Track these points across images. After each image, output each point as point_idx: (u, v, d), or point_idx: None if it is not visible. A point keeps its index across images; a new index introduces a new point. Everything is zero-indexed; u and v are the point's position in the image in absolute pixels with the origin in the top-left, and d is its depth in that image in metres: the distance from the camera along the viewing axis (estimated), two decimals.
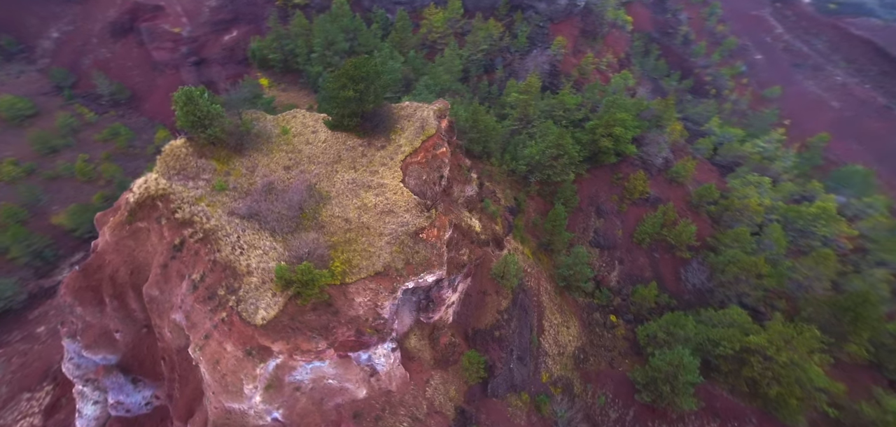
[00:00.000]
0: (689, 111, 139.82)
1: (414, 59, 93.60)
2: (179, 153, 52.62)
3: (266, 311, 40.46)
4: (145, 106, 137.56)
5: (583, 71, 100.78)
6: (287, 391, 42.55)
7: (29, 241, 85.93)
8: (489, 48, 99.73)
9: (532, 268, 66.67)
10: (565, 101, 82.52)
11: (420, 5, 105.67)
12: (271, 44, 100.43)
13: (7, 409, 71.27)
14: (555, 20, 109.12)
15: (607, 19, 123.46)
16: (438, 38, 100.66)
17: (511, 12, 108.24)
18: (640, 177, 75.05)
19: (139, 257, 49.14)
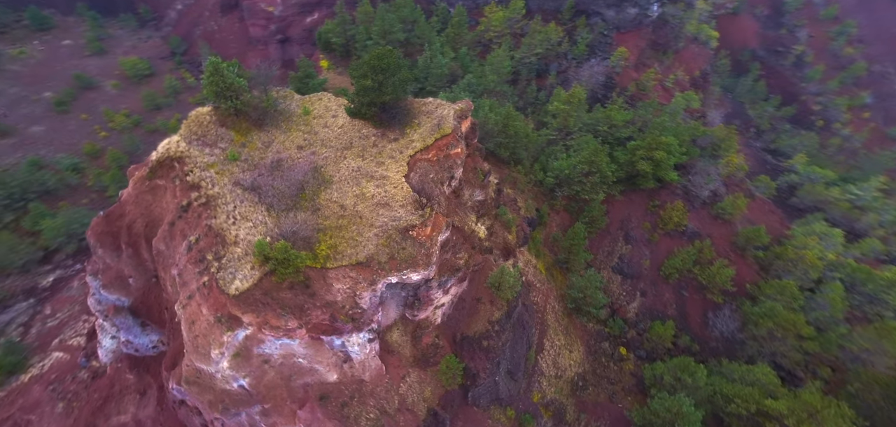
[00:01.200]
0: (782, 143, 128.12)
1: (464, 56, 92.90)
2: (203, 120, 55.80)
3: (241, 283, 41.99)
4: None
5: (642, 86, 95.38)
6: (255, 362, 44.06)
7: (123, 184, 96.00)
8: (545, 52, 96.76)
9: (542, 284, 64.43)
10: (612, 117, 78.50)
11: (483, 2, 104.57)
12: (336, 28, 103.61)
13: (71, 323, 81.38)
14: (621, 29, 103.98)
15: (685, 33, 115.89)
16: (494, 36, 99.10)
17: (575, 17, 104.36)
18: (678, 207, 69.97)
19: (154, 212, 52.68)
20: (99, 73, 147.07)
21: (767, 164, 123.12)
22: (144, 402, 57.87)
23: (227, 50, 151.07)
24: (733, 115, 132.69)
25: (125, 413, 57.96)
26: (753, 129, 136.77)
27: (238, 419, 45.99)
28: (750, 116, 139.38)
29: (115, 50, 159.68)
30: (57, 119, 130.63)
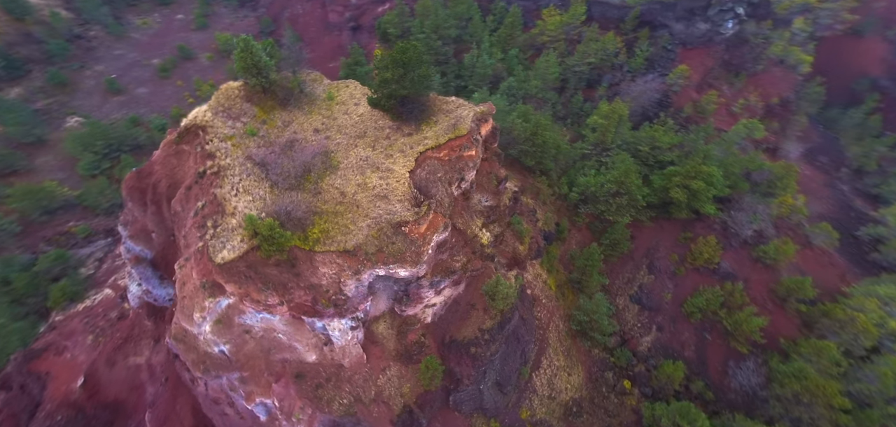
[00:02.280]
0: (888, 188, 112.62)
1: (513, 58, 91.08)
2: (231, 94, 58.67)
3: (227, 253, 43.81)
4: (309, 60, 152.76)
5: (700, 109, 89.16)
6: (236, 331, 45.96)
7: None
8: (598, 62, 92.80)
9: (549, 300, 62.32)
10: (657, 138, 74.09)
11: (543, 4, 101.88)
12: (394, 19, 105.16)
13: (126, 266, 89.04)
14: (687, 45, 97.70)
15: (769, 55, 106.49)
16: (548, 41, 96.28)
17: (638, 28, 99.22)
18: (710, 243, 64.91)
19: (177, 175, 56.12)
20: (198, 46, 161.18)
21: (852, 210, 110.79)
22: (157, 349, 62.28)
23: (307, 33, 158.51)
24: (820, 150, 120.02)
25: (140, 355, 62.71)
26: (846, 168, 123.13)
27: (219, 382, 48.32)
28: (845, 155, 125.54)
29: (215, 25, 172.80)
30: (159, 83, 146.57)
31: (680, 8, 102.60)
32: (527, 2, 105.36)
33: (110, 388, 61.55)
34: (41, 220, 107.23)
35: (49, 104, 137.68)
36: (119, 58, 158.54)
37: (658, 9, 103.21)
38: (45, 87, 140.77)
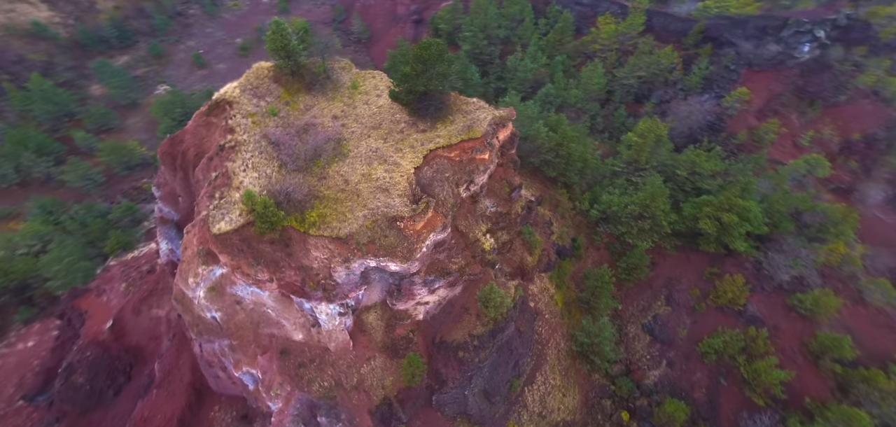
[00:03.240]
0: None
1: (558, 64, 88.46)
2: (261, 73, 61.18)
3: (224, 225, 45.77)
4: (374, 49, 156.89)
5: (757, 137, 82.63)
6: (228, 300, 47.98)
7: None
8: (650, 76, 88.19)
9: (553, 316, 60.48)
10: (698, 163, 69.56)
11: (602, 11, 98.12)
12: (447, 15, 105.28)
13: None
14: (754, 67, 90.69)
15: (857, 85, 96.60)
16: (599, 50, 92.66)
17: (700, 44, 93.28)
18: (736, 282, 60.18)
19: (204, 145, 59.21)
20: None
21: None
22: None
23: (375, 23, 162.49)
24: None
25: (162, 309, 67.01)
26: None
27: (212, 346, 50.75)
28: None
29: (295, 10, 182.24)
30: (238, 61, 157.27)
31: (751, 26, 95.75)
32: (583, 7, 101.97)
33: (133, 335, 66.31)
34: (122, 174, 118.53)
35: (146, 72, 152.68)
36: (208, 35, 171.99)
37: (726, 25, 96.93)
38: (145, 57, 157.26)
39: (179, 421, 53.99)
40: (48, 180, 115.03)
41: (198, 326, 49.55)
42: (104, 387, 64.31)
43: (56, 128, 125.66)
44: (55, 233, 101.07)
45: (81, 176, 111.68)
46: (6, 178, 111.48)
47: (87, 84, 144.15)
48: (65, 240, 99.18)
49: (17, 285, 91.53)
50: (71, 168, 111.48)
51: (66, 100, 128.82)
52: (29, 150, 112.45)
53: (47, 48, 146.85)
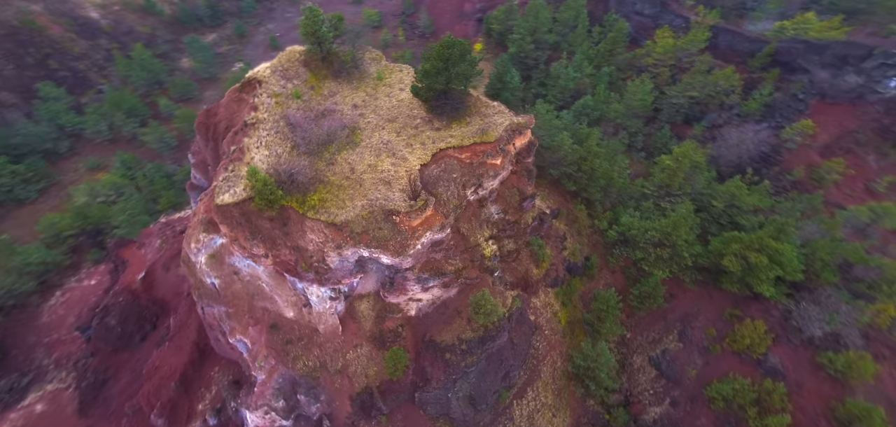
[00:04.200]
0: None
1: (605, 75, 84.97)
2: (292, 57, 63.36)
3: (228, 197, 47.90)
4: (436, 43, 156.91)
5: (818, 176, 75.60)
6: (226, 269, 50.19)
7: None
8: (704, 97, 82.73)
9: (554, 334, 58.72)
10: (737, 195, 64.80)
11: (665, 23, 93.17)
12: (501, 15, 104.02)
13: None
14: (827, 99, 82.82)
15: None
16: (651, 64, 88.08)
17: (768, 67, 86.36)
18: (757, 328, 55.52)
19: (234, 119, 62.16)
20: (349, 18, 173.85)
21: None
22: None
23: (441, 18, 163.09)
24: None
25: None
26: None
27: (212, 311, 53.31)
28: None
29: (369, 1, 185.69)
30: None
31: (830, 53, 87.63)
32: (643, 18, 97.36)
33: (161, 289, 71.02)
34: (191, 139, 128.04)
35: (228, 50, 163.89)
36: (287, 19, 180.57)
37: (801, 49, 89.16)
38: (230, 36, 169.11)
39: (182, 374, 57.32)
40: (133, 139, 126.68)
41: (199, 290, 52.32)
42: (132, 331, 69.43)
43: (147, 94, 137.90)
44: (128, 186, 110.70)
45: (158, 139, 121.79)
46: (101, 134, 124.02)
47: (178, 57, 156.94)
48: (133, 194, 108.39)
49: (93, 229, 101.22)
50: (151, 131, 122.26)
51: (159, 69, 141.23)
52: (122, 111, 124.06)
53: (153, 22, 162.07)
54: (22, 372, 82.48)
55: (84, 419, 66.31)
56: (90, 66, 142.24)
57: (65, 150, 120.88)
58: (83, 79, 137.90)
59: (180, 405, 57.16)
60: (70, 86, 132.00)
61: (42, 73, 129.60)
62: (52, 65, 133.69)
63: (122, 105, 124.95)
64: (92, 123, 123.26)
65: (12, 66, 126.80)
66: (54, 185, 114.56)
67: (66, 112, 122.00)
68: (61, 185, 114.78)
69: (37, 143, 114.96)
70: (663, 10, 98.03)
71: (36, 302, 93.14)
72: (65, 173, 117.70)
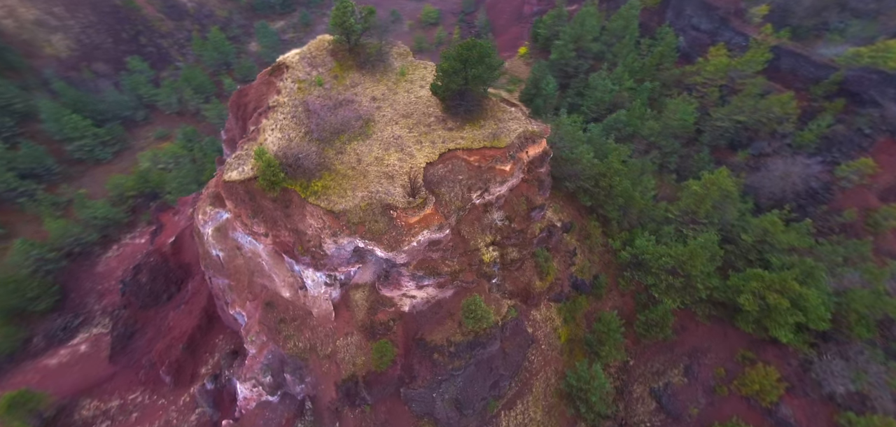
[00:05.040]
0: None
1: (644, 90, 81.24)
2: (321, 45, 64.90)
3: (235, 174, 49.73)
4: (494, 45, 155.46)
5: (873, 221, 69.22)
6: (230, 244, 52.28)
7: None
8: (752, 123, 77.37)
9: (551, 349, 57.24)
10: (772, 231, 60.48)
11: (723, 39, 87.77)
12: (549, 20, 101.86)
13: None
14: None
15: None
16: (700, 82, 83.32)
17: (833, 96, 79.67)
18: (769, 375, 51.58)
19: (261, 101, 64.38)
20: (408, 14, 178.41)
21: None
22: None
23: (499, 19, 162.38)
24: None
25: None
26: None
27: (217, 282, 55.78)
28: None
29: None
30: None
31: None
32: (700, 33, 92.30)
33: (187, 254, 74.71)
34: None
35: (292, 37, 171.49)
36: None
37: (875, 80, 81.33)
38: (296, 24, 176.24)
39: (190, 338, 60.26)
40: (196, 114, 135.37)
41: (205, 260, 54.80)
42: (160, 291, 73.55)
43: (215, 73, 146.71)
44: (185, 157, 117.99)
45: (217, 115, 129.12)
46: (170, 106, 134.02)
47: (248, 41, 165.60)
48: (187, 164, 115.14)
49: (150, 192, 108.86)
50: (212, 107, 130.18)
51: (229, 51, 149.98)
52: (191, 87, 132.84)
53: (231, 7, 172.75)
54: (76, 313, 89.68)
55: (112, 366, 70.93)
56: (172, 44, 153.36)
57: (140, 119, 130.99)
58: (165, 55, 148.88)
59: (186, 366, 60.18)
60: (153, 61, 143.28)
61: (133, 48, 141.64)
62: (142, 41, 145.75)
63: (192, 81, 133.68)
64: (165, 96, 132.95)
65: (111, 41, 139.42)
66: (127, 150, 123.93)
67: (145, 84, 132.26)
68: (133, 150, 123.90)
69: (118, 111, 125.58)
70: (722, 26, 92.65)
71: (97, 252, 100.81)
72: (137, 139, 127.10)
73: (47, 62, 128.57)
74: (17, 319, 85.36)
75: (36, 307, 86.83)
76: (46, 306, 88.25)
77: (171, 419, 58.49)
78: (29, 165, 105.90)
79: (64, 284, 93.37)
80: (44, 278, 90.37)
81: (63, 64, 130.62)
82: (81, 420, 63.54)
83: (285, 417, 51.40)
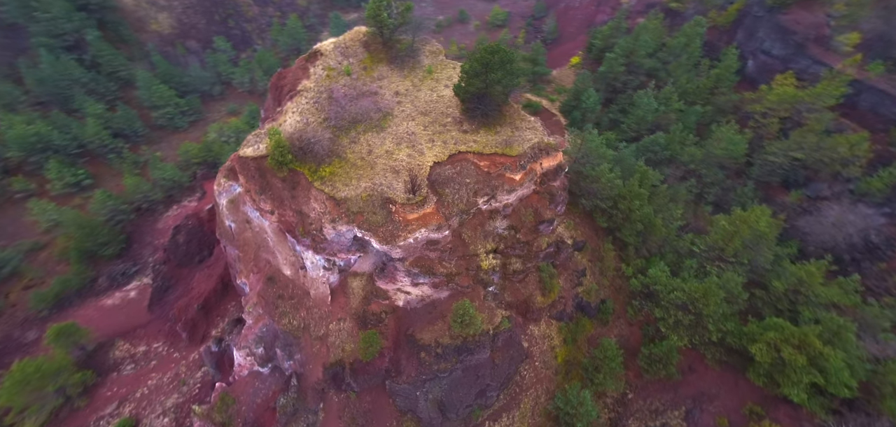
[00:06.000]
0: None
1: (695, 114, 75.76)
2: (356, 36, 66.70)
3: (249, 151, 52.47)
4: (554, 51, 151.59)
5: None
6: (241, 216, 55.05)
7: None
8: (812, 162, 70.10)
9: (545, 368, 55.57)
10: (808, 283, 55.01)
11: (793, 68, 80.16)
12: (606, 32, 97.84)
13: None
14: None
15: None
16: (759, 112, 76.48)
17: None
18: None
19: (295, 84, 67.15)
20: (477, 14, 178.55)
21: None
22: None
23: (569, 26, 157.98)
24: None
25: None
26: None
27: (230, 251, 58.96)
28: None
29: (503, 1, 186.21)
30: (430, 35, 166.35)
31: None
32: (770, 59, 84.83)
33: None
34: None
35: None
36: (420, 9, 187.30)
37: None
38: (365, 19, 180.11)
39: (205, 300, 64.28)
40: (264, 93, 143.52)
41: (220, 229, 58.15)
42: (194, 252, 78.88)
43: (286, 57, 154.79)
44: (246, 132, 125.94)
45: None
46: (243, 85, 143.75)
47: (321, 30, 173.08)
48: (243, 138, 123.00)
49: (212, 161, 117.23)
50: None
51: (302, 38, 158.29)
52: (262, 69, 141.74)
53: None
54: (134, 262, 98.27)
55: (149, 314, 77.26)
56: (255, 29, 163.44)
57: (216, 94, 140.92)
58: (247, 38, 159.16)
59: (199, 326, 64.29)
60: (236, 42, 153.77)
61: (221, 29, 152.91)
62: (230, 23, 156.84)
63: (263, 63, 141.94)
64: (239, 75, 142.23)
65: (204, 21, 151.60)
66: (201, 121, 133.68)
67: (225, 63, 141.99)
68: (205, 121, 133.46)
69: (199, 85, 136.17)
70: (798, 53, 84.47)
71: (159, 210, 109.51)
72: (211, 113, 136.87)
73: (151, 37, 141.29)
74: (89, 260, 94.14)
75: (104, 252, 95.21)
76: (113, 252, 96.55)
77: (180, 373, 62.87)
78: (121, 126, 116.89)
79: (129, 235, 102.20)
80: (114, 227, 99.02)
81: (163, 40, 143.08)
82: (113, 359, 69.72)
83: (273, 390, 53.60)
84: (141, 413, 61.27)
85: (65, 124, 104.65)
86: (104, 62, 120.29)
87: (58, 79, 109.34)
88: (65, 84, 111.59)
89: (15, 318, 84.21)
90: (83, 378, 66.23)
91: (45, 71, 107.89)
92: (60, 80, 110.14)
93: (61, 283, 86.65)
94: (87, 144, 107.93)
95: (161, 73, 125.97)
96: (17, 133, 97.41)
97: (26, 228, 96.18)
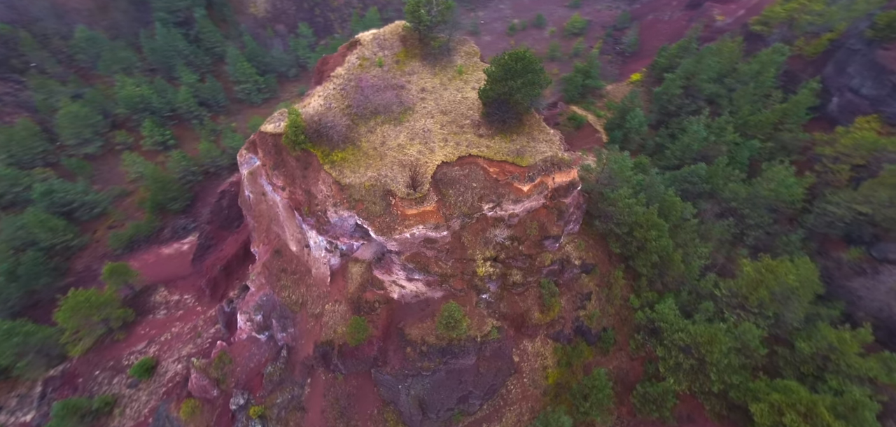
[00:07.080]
0: None
1: (745, 147, 68.86)
2: (395, 30, 67.83)
3: (270, 127, 55.05)
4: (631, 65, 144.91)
5: None
6: (258, 188, 58.10)
7: None
8: (883, 218, 61.57)
9: (534, 386, 53.99)
10: (841, 350, 48.98)
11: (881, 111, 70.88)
12: (674, 51, 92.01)
13: None
14: None
15: None
16: (830, 155, 68.09)
17: None
18: None
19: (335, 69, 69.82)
20: (554, 20, 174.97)
21: None
22: None
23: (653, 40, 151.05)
24: None
25: None
26: None
27: (248, 220, 62.40)
28: None
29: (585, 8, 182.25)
30: (499, 37, 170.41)
31: None
32: (857, 98, 75.36)
33: None
34: None
35: None
36: (498, 11, 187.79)
37: None
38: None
39: (227, 262, 68.53)
40: None
41: (241, 197, 61.69)
42: (233, 217, 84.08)
43: None
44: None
45: None
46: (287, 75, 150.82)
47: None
48: None
49: None
50: None
51: None
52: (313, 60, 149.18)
53: None
54: (194, 218, 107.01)
55: (191, 268, 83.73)
56: (337, 18, 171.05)
57: (292, 76, 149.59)
58: (329, 26, 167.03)
59: (220, 285, 68.70)
60: (318, 29, 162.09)
61: (307, 16, 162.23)
62: (316, 12, 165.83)
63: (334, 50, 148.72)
64: (314, 60, 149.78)
65: (294, 8, 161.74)
66: (274, 99, 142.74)
67: (304, 48, 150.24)
68: (278, 99, 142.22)
69: (277, 66, 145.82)
70: (892, 94, 74.39)
71: (224, 175, 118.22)
72: (284, 92, 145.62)
73: (246, 19, 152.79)
74: (159, 212, 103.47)
75: (172, 206, 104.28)
76: (179, 208, 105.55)
77: (198, 326, 67.59)
78: (207, 96, 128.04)
79: (196, 194, 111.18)
80: (184, 185, 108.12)
81: (257, 22, 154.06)
82: (153, 302, 76.37)
83: (266, 357, 56.30)
84: (162, 355, 66.71)
85: (163, 89, 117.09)
86: (205, 38, 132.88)
87: (166, 49, 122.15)
88: (170, 54, 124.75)
89: (97, 252, 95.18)
90: (124, 314, 73.21)
91: (158, 41, 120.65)
92: (168, 50, 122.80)
93: (135, 228, 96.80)
94: (177, 109, 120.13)
95: (248, 52, 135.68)
96: (126, 93, 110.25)
97: (119, 176, 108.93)
